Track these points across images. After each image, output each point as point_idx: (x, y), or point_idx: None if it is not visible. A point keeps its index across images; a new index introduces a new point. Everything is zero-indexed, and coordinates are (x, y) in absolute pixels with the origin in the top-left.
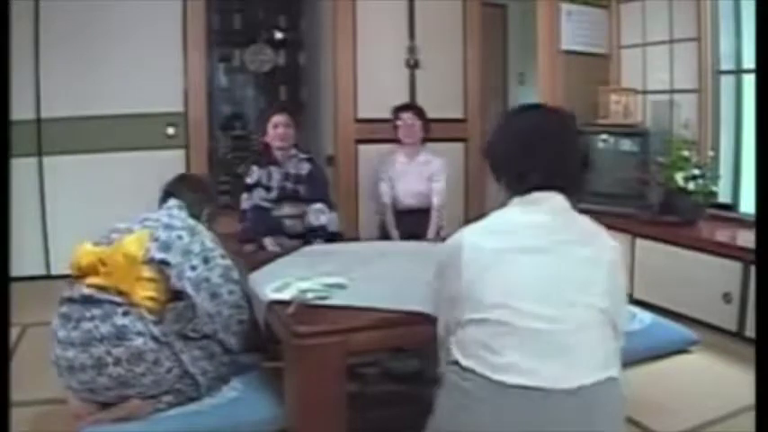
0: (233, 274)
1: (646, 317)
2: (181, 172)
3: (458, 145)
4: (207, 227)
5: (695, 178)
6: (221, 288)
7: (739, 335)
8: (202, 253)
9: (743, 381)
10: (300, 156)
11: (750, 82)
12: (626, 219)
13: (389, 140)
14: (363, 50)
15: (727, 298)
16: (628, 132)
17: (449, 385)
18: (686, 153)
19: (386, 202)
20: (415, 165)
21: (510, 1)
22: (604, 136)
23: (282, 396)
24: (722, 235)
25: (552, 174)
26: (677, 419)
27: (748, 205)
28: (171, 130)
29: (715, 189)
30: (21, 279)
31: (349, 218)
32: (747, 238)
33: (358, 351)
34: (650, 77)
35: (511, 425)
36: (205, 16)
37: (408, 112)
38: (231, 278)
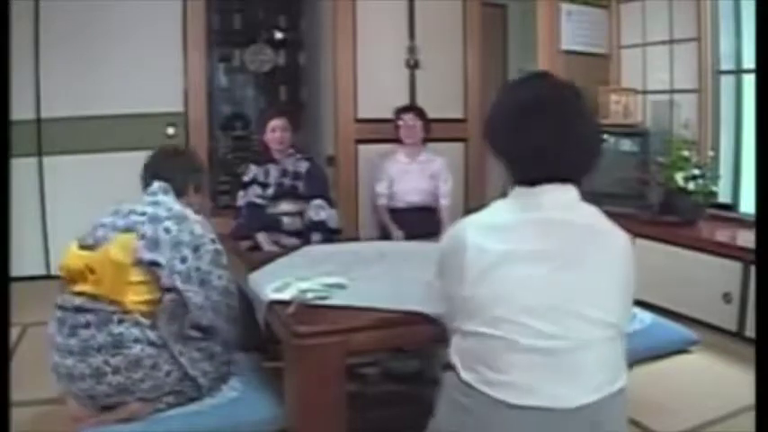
0: (222, 260)
1: (646, 317)
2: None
3: (458, 145)
4: (196, 206)
5: (695, 178)
6: (210, 275)
7: (739, 335)
8: (192, 242)
9: (743, 381)
10: (299, 155)
11: (750, 82)
12: (626, 219)
13: (389, 140)
14: (363, 50)
15: (727, 298)
16: (628, 132)
17: (448, 397)
18: (686, 153)
19: (382, 204)
20: (417, 163)
21: (510, 1)
22: (604, 136)
23: (282, 396)
24: (722, 235)
25: (554, 157)
26: (677, 419)
27: (748, 205)
28: (171, 130)
29: (715, 189)
30: (21, 279)
31: (349, 218)
32: (747, 238)
33: (358, 351)
34: (650, 77)
35: None
36: (205, 16)
37: (409, 113)
38: (220, 263)
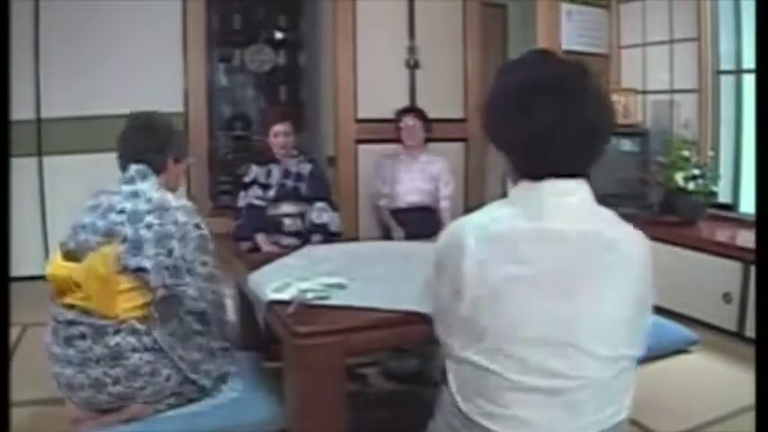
0: (208, 245)
1: None
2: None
3: (458, 145)
4: (172, 184)
5: (695, 178)
6: (194, 263)
7: (739, 335)
8: (177, 232)
9: (743, 381)
10: (302, 156)
11: (750, 82)
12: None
13: (390, 140)
14: (363, 50)
15: (727, 298)
16: (628, 132)
17: (445, 418)
18: (686, 153)
19: (383, 204)
20: (419, 164)
21: (510, 1)
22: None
23: (282, 396)
24: (722, 235)
25: (557, 144)
26: (677, 419)
27: (748, 205)
28: None
29: (715, 189)
30: (21, 279)
31: (349, 218)
32: (747, 238)
33: (358, 351)
34: (650, 77)
35: None
36: (205, 16)
37: (410, 115)
38: (206, 249)
